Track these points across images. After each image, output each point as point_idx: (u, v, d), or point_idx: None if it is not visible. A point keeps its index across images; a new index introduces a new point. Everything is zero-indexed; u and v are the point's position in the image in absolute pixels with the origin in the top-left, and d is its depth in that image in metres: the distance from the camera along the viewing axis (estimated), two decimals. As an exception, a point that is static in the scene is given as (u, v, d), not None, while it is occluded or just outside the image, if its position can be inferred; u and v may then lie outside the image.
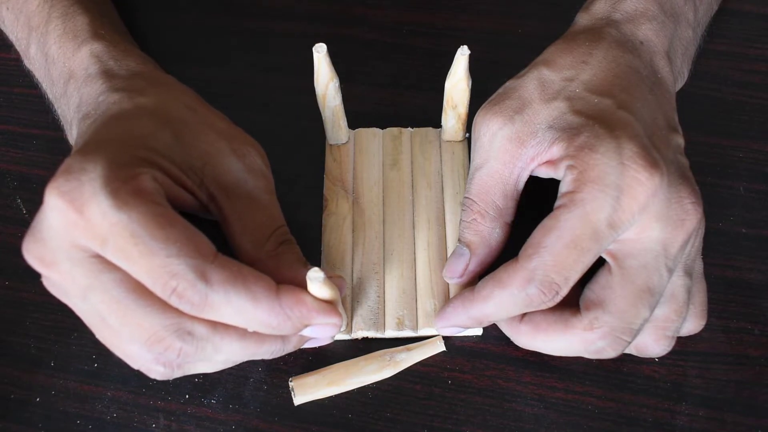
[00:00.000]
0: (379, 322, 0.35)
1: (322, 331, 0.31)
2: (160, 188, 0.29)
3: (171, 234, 0.27)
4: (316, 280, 0.29)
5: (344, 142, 0.41)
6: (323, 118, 0.39)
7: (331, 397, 0.34)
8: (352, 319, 0.35)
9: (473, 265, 0.34)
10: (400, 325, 0.35)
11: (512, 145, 0.32)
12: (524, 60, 0.35)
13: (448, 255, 0.37)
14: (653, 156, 0.30)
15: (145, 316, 0.28)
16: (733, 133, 0.42)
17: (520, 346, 0.33)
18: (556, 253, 0.29)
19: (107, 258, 0.27)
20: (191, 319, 0.28)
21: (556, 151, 0.31)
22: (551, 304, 0.30)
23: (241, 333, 0.29)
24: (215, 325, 0.29)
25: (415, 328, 0.35)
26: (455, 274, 0.34)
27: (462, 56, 0.35)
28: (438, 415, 0.33)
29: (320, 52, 0.34)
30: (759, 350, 0.35)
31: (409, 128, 0.41)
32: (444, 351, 0.35)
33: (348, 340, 0.35)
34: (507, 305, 0.31)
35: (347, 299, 0.36)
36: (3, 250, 0.39)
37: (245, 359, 0.32)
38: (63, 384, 0.35)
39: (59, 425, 0.34)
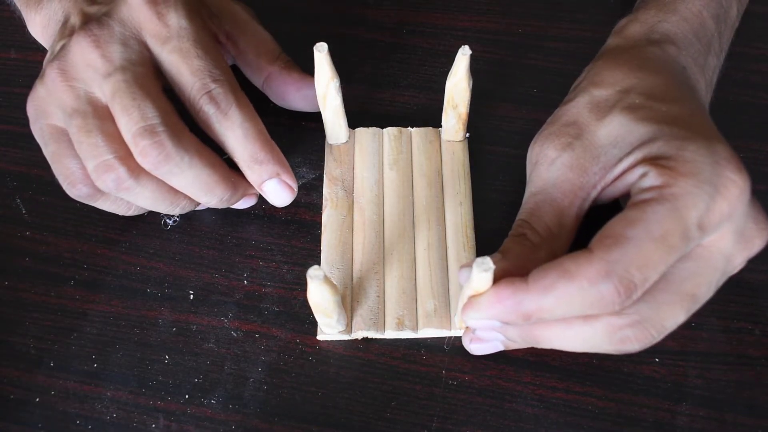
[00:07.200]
0: (379, 322, 0.35)
1: (281, 191, 0.36)
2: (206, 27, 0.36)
3: (220, 55, 0.35)
4: (316, 278, 0.29)
5: (344, 142, 0.41)
6: (323, 118, 0.39)
7: (332, 396, 0.34)
8: (352, 319, 0.35)
9: (497, 268, 0.29)
10: (400, 325, 0.35)
11: (573, 173, 0.31)
12: (524, 60, 0.35)
13: (449, 255, 0.37)
14: (741, 162, 0.28)
15: (150, 102, 0.32)
16: (733, 133, 0.41)
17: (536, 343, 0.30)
18: (642, 246, 0.26)
19: (160, 55, 0.34)
20: (182, 132, 0.33)
21: (624, 165, 0.30)
22: (619, 307, 0.27)
23: (212, 162, 0.34)
24: (198, 145, 0.34)
25: (415, 328, 0.35)
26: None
27: (463, 56, 0.35)
28: (438, 416, 0.33)
29: (321, 51, 0.34)
30: (760, 350, 0.35)
31: (409, 128, 0.41)
32: (444, 351, 0.35)
33: (348, 340, 0.35)
34: (571, 301, 0.27)
35: (347, 299, 0.36)
36: (3, 250, 0.39)
37: (195, 198, 0.35)
38: (63, 384, 0.35)
39: (59, 425, 0.34)
